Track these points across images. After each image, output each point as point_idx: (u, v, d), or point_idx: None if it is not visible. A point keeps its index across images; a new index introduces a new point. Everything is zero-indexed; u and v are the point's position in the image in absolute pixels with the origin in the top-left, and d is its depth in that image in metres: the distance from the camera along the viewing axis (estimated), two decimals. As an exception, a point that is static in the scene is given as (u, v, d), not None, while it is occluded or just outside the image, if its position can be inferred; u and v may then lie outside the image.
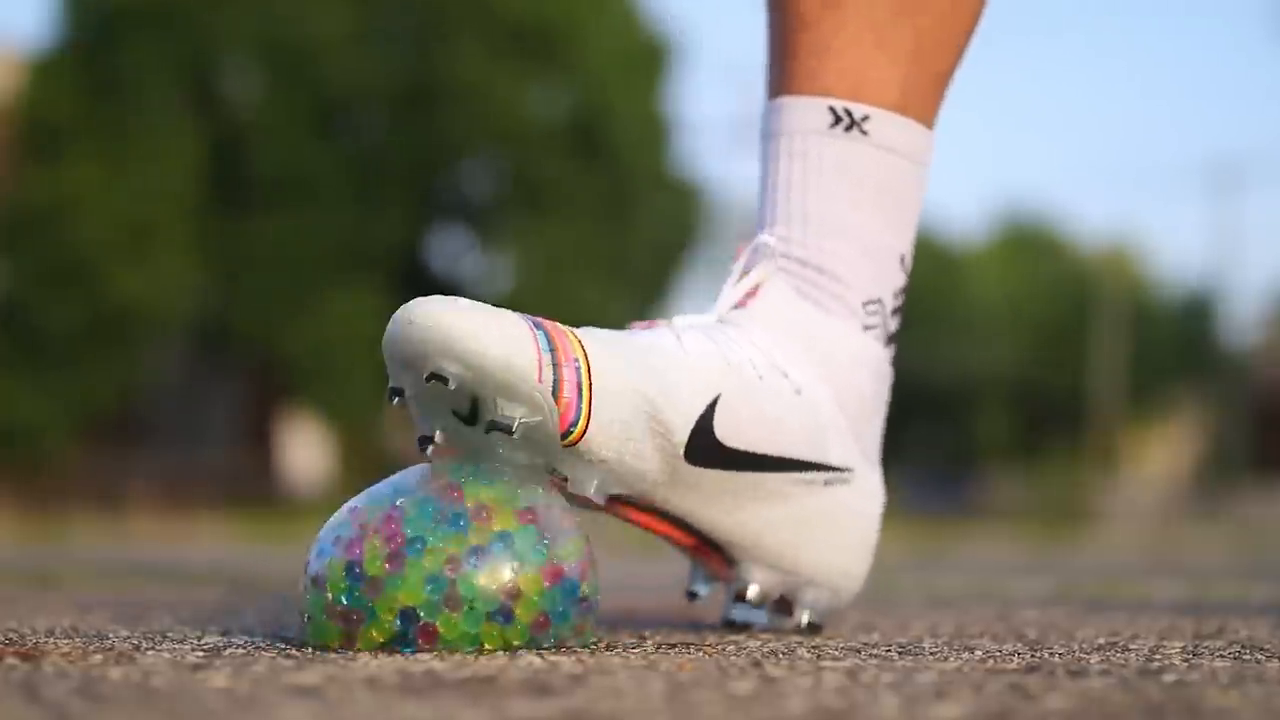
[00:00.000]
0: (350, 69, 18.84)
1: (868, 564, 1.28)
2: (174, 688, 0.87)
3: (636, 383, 1.11)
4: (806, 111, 1.25)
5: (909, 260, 1.27)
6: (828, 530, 1.23)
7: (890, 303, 1.26)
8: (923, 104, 1.27)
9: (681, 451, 1.14)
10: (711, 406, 1.15)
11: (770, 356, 1.20)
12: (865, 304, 1.24)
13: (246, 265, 18.48)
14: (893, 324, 1.26)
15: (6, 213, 17.81)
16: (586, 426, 1.09)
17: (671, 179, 19.98)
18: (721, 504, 1.18)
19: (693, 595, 1.26)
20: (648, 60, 19.82)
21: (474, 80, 18.80)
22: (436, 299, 1.08)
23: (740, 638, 1.21)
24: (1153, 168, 50.15)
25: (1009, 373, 27.63)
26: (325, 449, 21.33)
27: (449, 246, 20.89)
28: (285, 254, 18.52)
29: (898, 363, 1.29)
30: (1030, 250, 29.58)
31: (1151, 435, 30.63)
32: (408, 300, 1.11)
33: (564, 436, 1.09)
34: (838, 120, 1.24)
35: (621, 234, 19.13)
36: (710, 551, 1.23)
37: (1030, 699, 0.85)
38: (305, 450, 22.01)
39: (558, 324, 1.12)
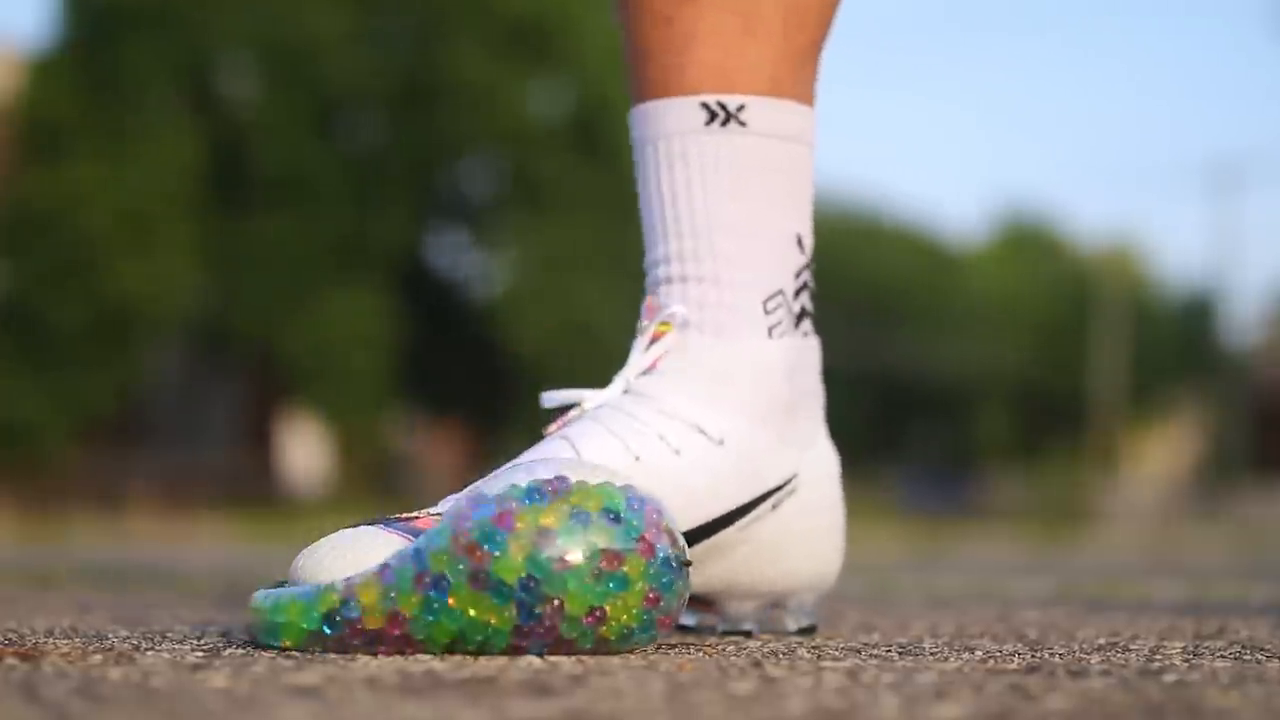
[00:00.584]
0: (349, 68, 18.85)
1: (841, 542, 1.26)
2: (173, 688, 0.87)
3: None
4: (679, 112, 1.21)
5: (808, 239, 1.24)
6: (792, 545, 1.23)
7: (792, 286, 1.23)
8: (797, 81, 1.23)
9: None
10: None
11: (684, 418, 1.18)
12: (766, 302, 1.21)
13: (246, 265, 18.49)
14: (798, 305, 1.23)
15: (6, 212, 17.82)
16: None
17: (671, 179, 19.98)
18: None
19: (682, 627, 1.26)
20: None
21: (473, 79, 18.81)
22: (312, 549, 1.07)
23: (740, 638, 1.21)
24: (1153, 167, 50.19)
25: (1009, 372, 27.66)
26: (325, 449, 21.34)
27: (448, 246, 20.91)
28: (285, 254, 18.53)
29: (897, 362, 1.28)
30: (1030, 250, 29.60)
31: (1152, 435, 30.65)
32: (407, 299, 1.11)
33: None
34: (713, 116, 1.20)
35: (621, 233, 19.13)
36: (691, 602, 1.23)
37: (1031, 699, 0.85)
38: (305, 450, 22.02)
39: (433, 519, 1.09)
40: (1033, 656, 1.07)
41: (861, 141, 62.75)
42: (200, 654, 1.03)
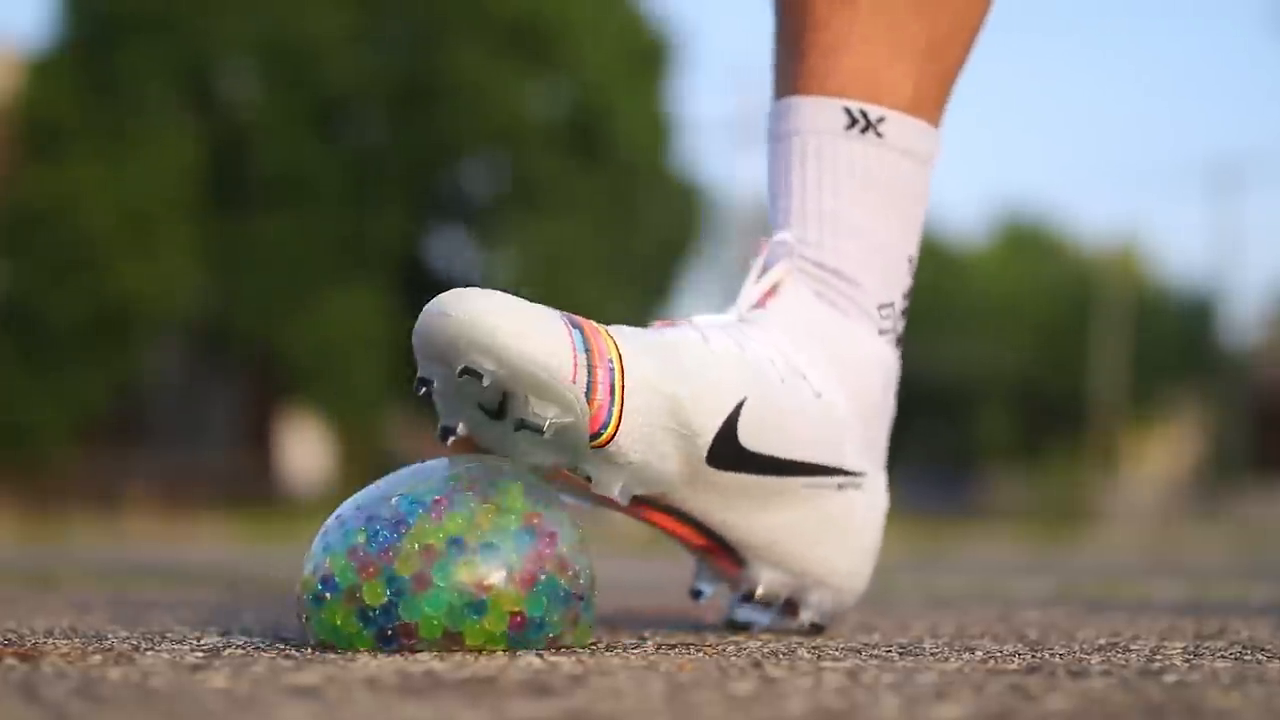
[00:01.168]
0: (349, 69, 18.85)
1: (872, 566, 1.28)
2: (173, 688, 0.87)
3: (668, 386, 1.11)
4: (821, 112, 1.24)
5: (915, 262, 1.27)
6: (839, 533, 1.23)
7: (900, 305, 1.26)
8: (933, 104, 1.26)
9: (705, 454, 1.14)
10: (737, 410, 1.14)
11: (790, 359, 1.19)
12: (879, 307, 1.24)
13: (246, 265, 18.49)
14: (901, 327, 1.26)
15: (6, 213, 17.82)
16: (617, 429, 1.09)
17: (671, 178, 19.99)
18: (739, 507, 1.18)
19: (697, 594, 1.26)
20: (647, 59, 19.82)
21: (473, 79, 18.81)
22: (474, 292, 1.07)
23: (740, 638, 1.21)
24: (1153, 168, 50.15)
25: (1010, 372, 27.65)
26: (325, 449, 21.33)
27: (448, 246, 20.90)
28: (285, 254, 18.53)
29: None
30: (1031, 250, 29.60)
31: (1152, 435, 30.64)
32: (407, 299, 1.11)
33: (593, 438, 1.09)
34: (854, 122, 1.23)
35: (621, 233, 19.13)
36: (721, 552, 1.23)
37: (1031, 699, 0.85)
38: (305, 450, 22.01)
39: (593, 323, 1.11)
40: (1033, 657, 1.07)
41: (862, 142, 62.35)
42: (200, 654, 1.03)
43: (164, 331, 18.89)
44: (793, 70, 1.25)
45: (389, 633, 1.03)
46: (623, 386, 1.09)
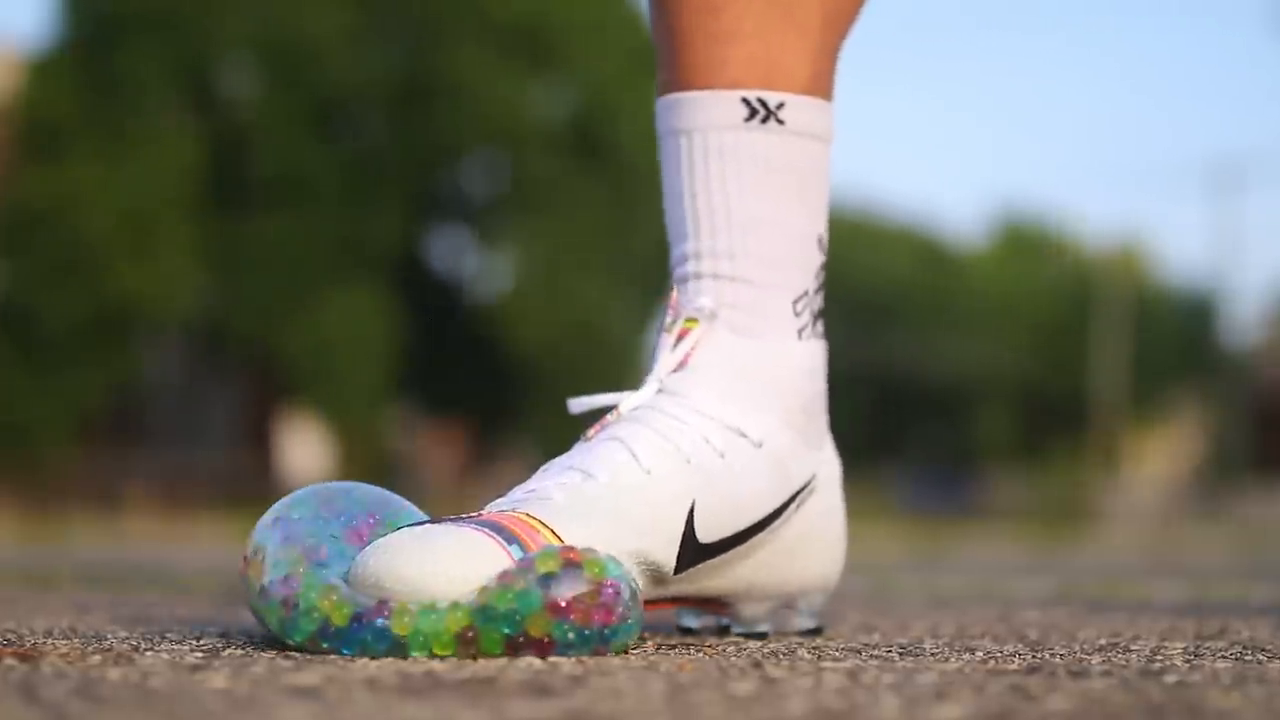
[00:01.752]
0: (348, 69, 18.86)
1: (844, 545, 1.26)
2: (173, 688, 0.87)
3: (617, 544, 1.10)
4: (718, 106, 1.19)
5: (826, 237, 1.23)
6: (811, 544, 1.23)
7: (814, 286, 1.23)
8: (827, 79, 1.22)
9: (672, 571, 1.14)
10: (689, 520, 1.14)
11: (722, 419, 1.17)
12: (795, 303, 1.21)
13: (245, 265, 18.50)
14: (816, 303, 1.24)
15: (5, 212, 17.82)
16: None
17: (672, 178, 19.99)
18: (709, 578, 1.18)
19: (686, 630, 1.26)
20: (647, 60, 19.78)
21: (472, 80, 18.81)
22: (397, 543, 1.04)
23: (740, 638, 1.21)
24: (1153, 168, 50.19)
25: (1010, 373, 27.66)
26: (324, 449, 21.34)
27: (448, 246, 20.91)
28: (284, 254, 18.53)
29: (897, 362, 1.29)
30: (1031, 250, 29.61)
31: (1152, 435, 30.65)
32: (406, 299, 1.10)
33: None
34: (754, 113, 1.19)
35: (621, 233, 19.14)
36: (704, 603, 1.23)
37: (1031, 700, 0.84)
38: (304, 450, 22.02)
39: (517, 517, 1.08)
40: (1033, 657, 1.07)
41: (862, 141, 62.73)
42: (199, 654, 1.03)
43: (163, 331, 18.89)
44: (683, 62, 1.20)
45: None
46: None
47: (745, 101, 1.19)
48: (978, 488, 26.77)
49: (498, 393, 20.04)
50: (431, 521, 1.08)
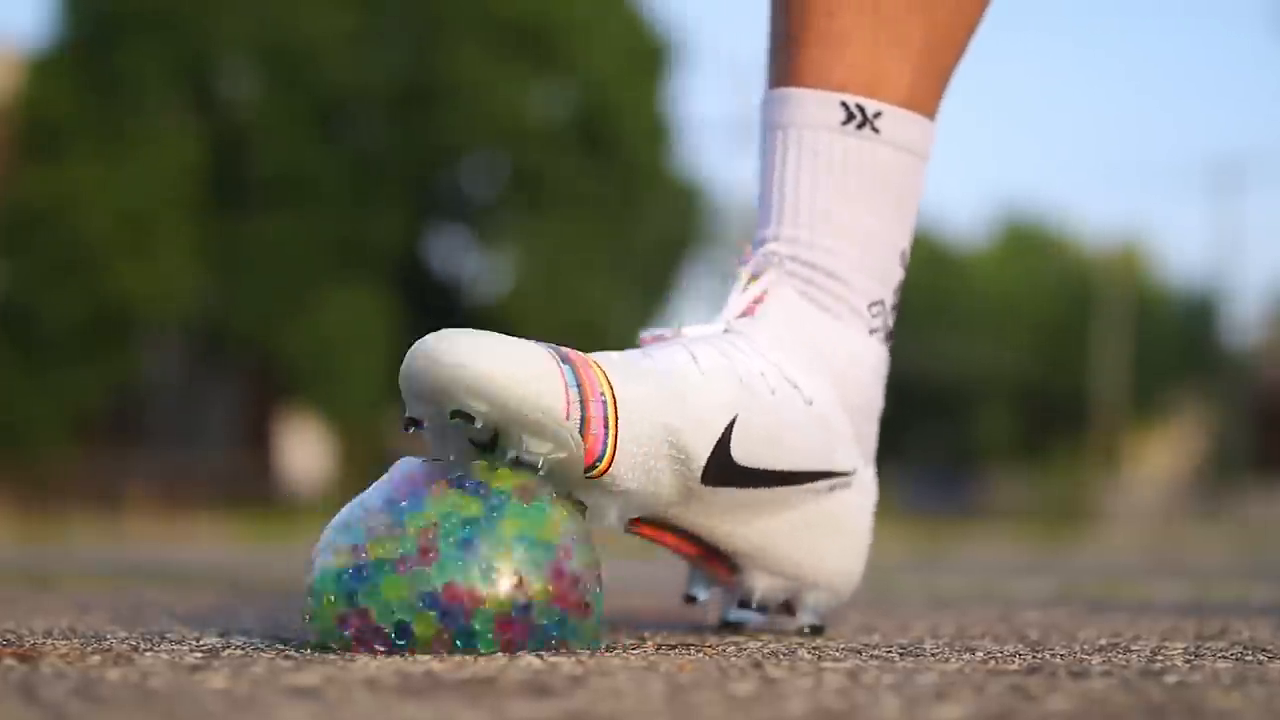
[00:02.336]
0: (349, 68, 18.85)
1: (864, 561, 1.28)
2: (172, 689, 0.87)
3: (660, 415, 1.11)
4: (818, 106, 1.23)
5: (908, 255, 1.27)
6: (831, 534, 1.23)
7: (890, 300, 1.25)
8: (929, 98, 1.26)
9: (700, 475, 1.14)
10: (729, 429, 1.14)
11: (780, 367, 1.19)
12: (870, 305, 1.24)
13: (246, 265, 18.49)
14: (892, 321, 1.26)
15: (5, 212, 17.82)
16: (612, 460, 1.09)
17: (672, 178, 19.99)
18: (732, 518, 1.18)
19: (691, 599, 1.26)
20: (649, 59, 19.82)
21: (473, 79, 18.81)
22: (462, 334, 1.06)
23: (741, 639, 1.21)
24: (1154, 167, 50.18)
25: (1010, 372, 27.65)
26: (324, 449, 21.34)
27: (449, 246, 20.91)
28: (284, 254, 18.53)
29: (899, 362, 1.29)
30: (1032, 250, 29.59)
31: (1153, 435, 30.64)
32: (407, 300, 1.11)
33: (588, 470, 1.09)
34: (850, 117, 1.22)
35: (622, 233, 19.14)
36: (714, 558, 1.23)
37: (1032, 700, 0.84)
38: (304, 450, 22.02)
39: (582, 355, 1.11)
40: (1034, 657, 1.07)
41: (862, 142, 62.41)
42: (199, 655, 1.03)
43: (163, 331, 18.89)
44: (791, 60, 1.24)
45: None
46: (616, 419, 1.09)
47: (844, 105, 1.23)
48: (978, 488, 26.77)
49: (498, 393, 20.03)
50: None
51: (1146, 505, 23.65)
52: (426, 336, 1.06)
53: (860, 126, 1.22)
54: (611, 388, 1.09)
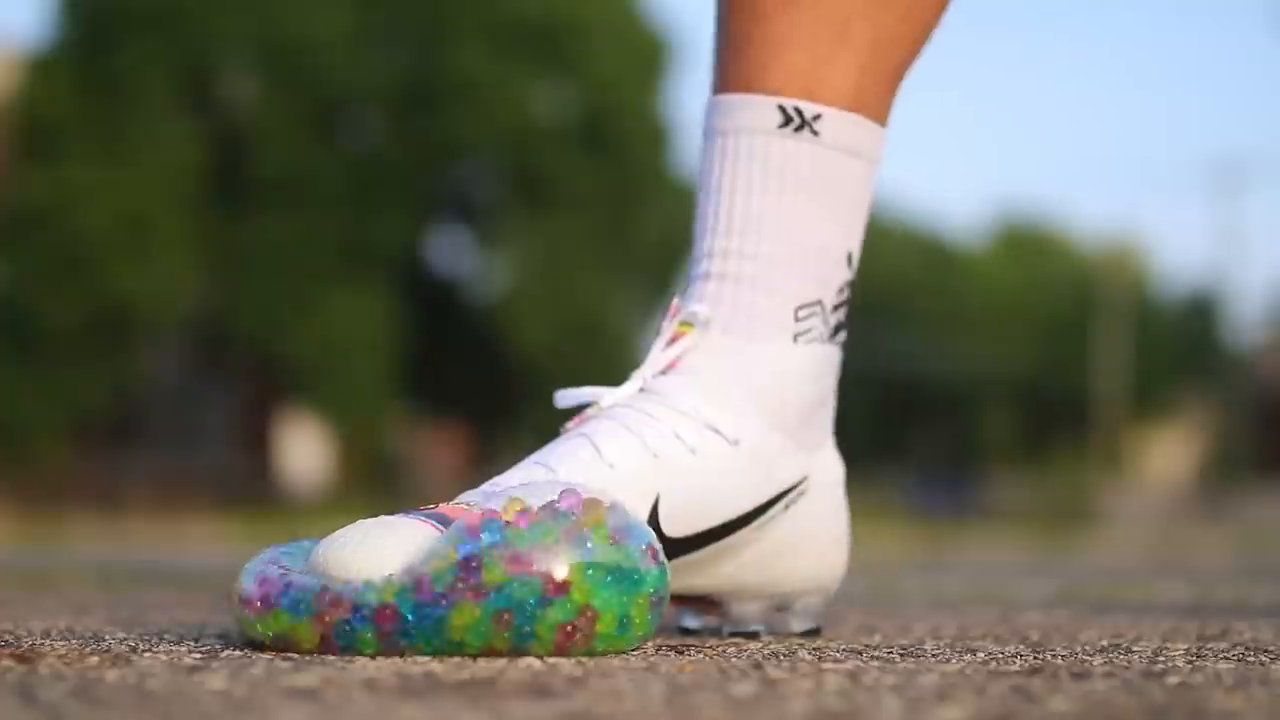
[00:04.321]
0: (350, 69, 18.87)
1: (846, 548, 1.27)
2: (171, 690, 0.86)
3: None
4: (754, 110, 1.21)
5: (857, 256, 1.24)
6: (802, 547, 1.23)
7: (831, 300, 1.23)
8: (877, 100, 1.23)
9: None
10: (654, 512, 1.14)
11: (699, 417, 1.18)
12: (799, 309, 1.21)
13: (246, 266, 18.51)
14: (834, 319, 1.24)
15: (4, 212, 17.83)
16: None
17: (674, 178, 20.00)
18: (690, 575, 1.19)
19: (686, 630, 1.26)
20: (650, 60, 19.84)
21: (475, 79, 18.83)
22: (340, 540, 1.05)
23: (741, 640, 1.21)
24: (1155, 166, 50.24)
25: (1012, 373, 27.67)
26: (324, 450, 21.35)
27: (450, 246, 20.92)
28: (285, 254, 18.54)
29: (900, 362, 1.29)
30: (1032, 249, 29.62)
31: (1155, 436, 30.66)
32: (408, 301, 1.11)
33: None
34: (788, 120, 1.20)
35: (623, 233, 19.15)
36: (695, 601, 1.23)
37: (1033, 701, 0.84)
38: (304, 451, 22.02)
39: (464, 507, 1.08)
40: (1035, 658, 1.06)
41: (863, 142, 62.51)
42: (198, 656, 1.03)
43: (162, 332, 18.90)
44: (730, 66, 1.23)
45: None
46: None
47: (782, 109, 1.21)
48: (980, 489, 26.78)
49: (499, 393, 20.05)
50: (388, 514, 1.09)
51: (1148, 506, 23.66)
52: (325, 540, 1.07)
53: (799, 129, 1.20)
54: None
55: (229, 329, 18.99)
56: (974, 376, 27.41)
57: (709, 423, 1.18)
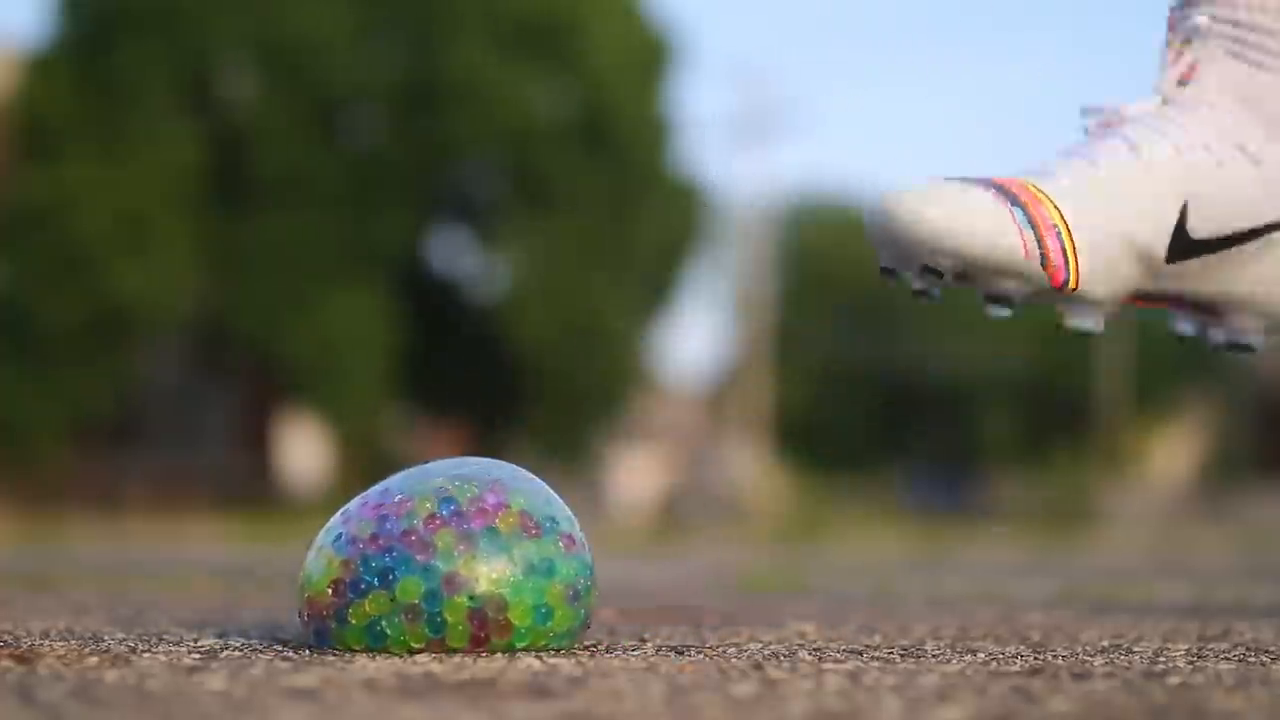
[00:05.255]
0: (350, 68, 18.86)
1: None
2: (170, 690, 0.86)
3: (1113, 226, 1.20)
4: None
5: None
6: None
7: None
8: None
9: (1163, 259, 1.23)
10: (1182, 213, 1.23)
11: (1222, 131, 1.26)
12: None
13: (246, 266, 18.49)
14: None
15: (4, 212, 17.82)
16: (1078, 278, 1.19)
17: (673, 177, 19.99)
18: (1203, 279, 1.26)
19: (1181, 337, 1.34)
20: (650, 59, 19.83)
21: (475, 79, 18.82)
22: (913, 192, 1.15)
23: (741, 640, 1.20)
24: (1154, 168, 50.12)
25: (1013, 373, 27.65)
26: (324, 450, 21.35)
27: (450, 246, 20.91)
28: (285, 254, 18.53)
29: (900, 362, 1.31)
30: (1032, 250, 29.62)
31: (1156, 436, 30.64)
32: (408, 301, 1.12)
33: (1058, 291, 1.19)
34: None
35: (622, 233, 19.14)
36: (1198, 310, 1.30)
37: (1033, 702, 0.84)
38: (304, 451, 22.02)
39: (1027, 186, 1.19)
40: (1036, 659, 1.06)
41: (863, 140, 62.76)
42: (197, 656, 1.03)
43: (162, 332, 18.89)
44: None
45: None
46: (1073, 245, 1.19)
47: None
48: (981, 488, 26.75)
49: (499, 393, 20.03)
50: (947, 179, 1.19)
51: (1148, 506, 23.65)
52: (884, 195, 1.17)
53: None
54: (1063, 217, 1.19)
55: (229, 329, 18.98)
56: (975, 376, 27.40)
57: (1235, 139, 1.26)
